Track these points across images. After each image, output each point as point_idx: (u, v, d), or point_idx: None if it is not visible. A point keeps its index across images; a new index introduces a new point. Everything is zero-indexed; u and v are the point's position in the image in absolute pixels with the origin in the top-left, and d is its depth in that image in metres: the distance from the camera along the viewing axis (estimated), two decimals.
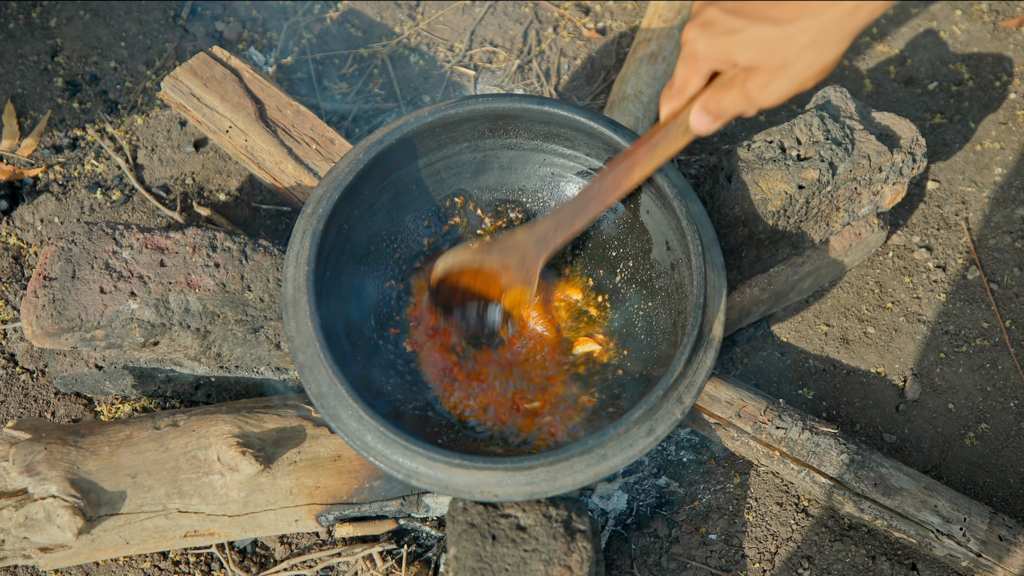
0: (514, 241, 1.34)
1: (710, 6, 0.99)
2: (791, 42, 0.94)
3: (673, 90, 1.08)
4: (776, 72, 0.97)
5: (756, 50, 0.96)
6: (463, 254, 1.36)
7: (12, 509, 1.25)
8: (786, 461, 1.39)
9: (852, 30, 0.93)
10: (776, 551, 1.41)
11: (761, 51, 0.96)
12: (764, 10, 0.94)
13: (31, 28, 1.87)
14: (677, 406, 1.23)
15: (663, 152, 1.19)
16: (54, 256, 1.37)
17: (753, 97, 1.00)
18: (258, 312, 1.41)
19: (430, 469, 1.19)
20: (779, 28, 0.93)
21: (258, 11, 1.92)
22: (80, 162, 1.75)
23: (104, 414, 1.53)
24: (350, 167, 1.30)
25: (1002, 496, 1.46)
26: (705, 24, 0.98)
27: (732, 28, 0.96)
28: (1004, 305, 1.60)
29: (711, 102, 1.05)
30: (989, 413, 1.52)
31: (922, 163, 1.49)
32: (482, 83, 1.87)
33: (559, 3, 1.95)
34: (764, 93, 0.99)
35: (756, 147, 1.46)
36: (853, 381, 1.56)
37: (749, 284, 1.50)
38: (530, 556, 1.23)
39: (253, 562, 1.43)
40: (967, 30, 1.88)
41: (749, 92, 1.00)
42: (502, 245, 1.35)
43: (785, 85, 0.98)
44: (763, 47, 0.95)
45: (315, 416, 1.37)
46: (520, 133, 1.41)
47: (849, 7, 0.91)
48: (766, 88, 0.98)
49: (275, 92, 1.59)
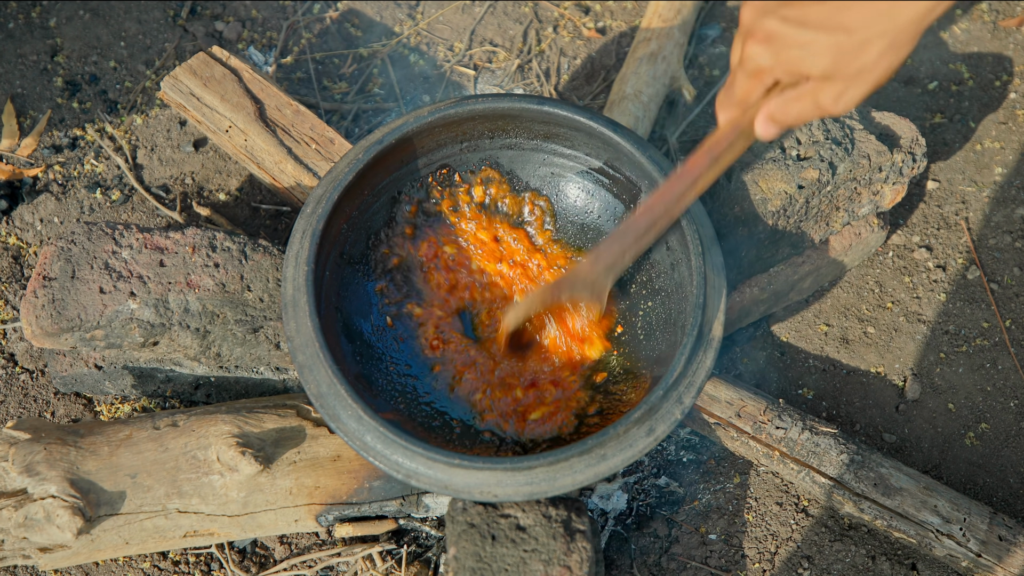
0: (582, 277, 1.31)
1: (769, 16, 0.94)
2: (867, 49, 0.90)
3: (734, 101, 1.03)
4: (851, 80, 0.93)
5: (829, 61, 0.91)
6: (536, 300, 1.34)
7: (12, 509, 1.25)
8: (786, 461, 1.39)
9: (926, 27, 0.90)
10: (776, 551, 1.41)
11: (835, 62, 0.91)
12: (834, 17, 0.90)
13: (31, 28, 1.87)
14: (677, 406, 1.23)
15: (724, 161, 1.14)
16: (54, 256, 1.37)
17: (827, 108, 0.96)
18: (258, 312, 1.41)
19: (430, 469, 1.19)
20: (853, 36, 0.89)
21: (258, 11, 1.92)
22: (80, 162, 1.75)
23: (104, 414, 1.53)
24: (350, 167, 1.30)
25: (1002, 496, 1.46)
26: (769, 38, 0.93)
27: (802, 41, 0.91)
28: (1004, 305, 1.60)
29: (779, 113, 1.00)
30: (989, 413, 1.52)
31: (922, 163, 1.49)
32: (482, 83, 1.86)
33: (559, 3, 1.95)
34: (839, 103, 0.95)
35: (756, 147, 1.45)
36: (853, 381, 1.56)
37: (749, 284, 1.50)
38: (530, 556, 1.23)
39: (253, 562, 1.43)
40: (967, 29, 1.88)
41: (822, 103, 0.96)
42: (571, 282, 1.32)
43: (860, 92, 0.94)
44: (837, 58, 0.91)
45: (315, 416, 1.37)
46: (520, 133, 1.41)
47: (926, 6, 0.87)
48: (841, 98, 0.94)
49: (275, 92, 1.59)
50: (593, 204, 1.45)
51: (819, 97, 0.95)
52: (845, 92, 0.93)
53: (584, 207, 1.46)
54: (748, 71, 0.97)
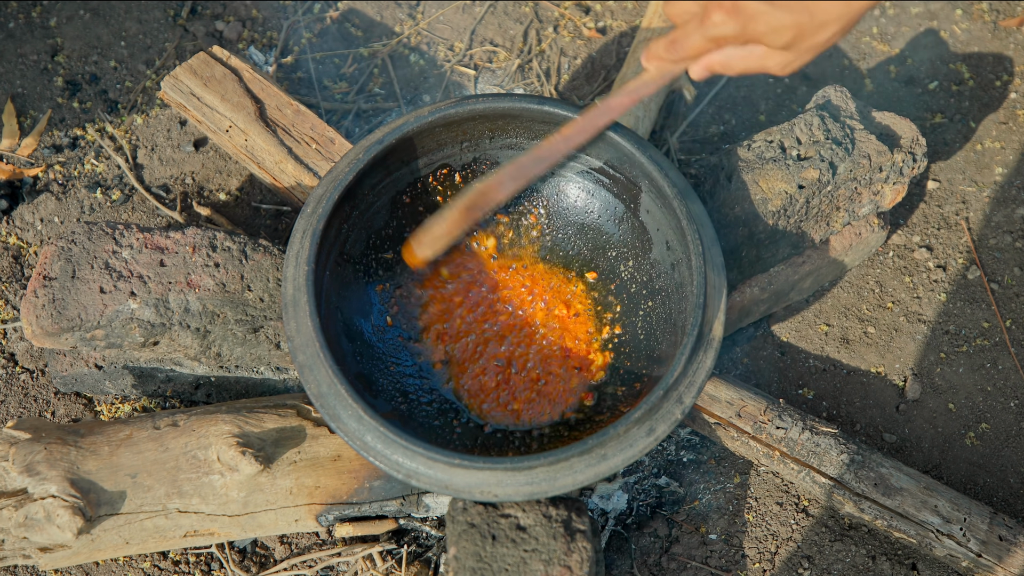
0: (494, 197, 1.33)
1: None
2: (824, 30, 0.99)
3: (679, 55, 1.10)
4: (801, 54, 1.03)
5: (790, 37, 1.00)
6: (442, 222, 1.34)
7: (12, 509, 1.25)
8: (786, 461, 1.39)
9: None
10: (776, 551, 1.41)
11: (794, 38, 1.00)
12: (803, 1, 0.99)
13: (31, 27, 1.87)
14: (677, 406, 1.23)
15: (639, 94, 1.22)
16: (54, 256, 1.37)
17: (771, 70, 1.06)
18: (258, 312, 1.41)
19: (430, 469, 1.19)
20: (815, 18, 0.98)
21: (258, 10, 1.92)
22: (80, 162, 1.75)
23: (104, 414, 1.53)
24: (350, 167, 1.30)
25: (1002, 496, 1.46)
26: (736, 10, 1.01)
27: (768, 19, 0.99)
28: (1004, 305, 1.60)
29: (721, 66, 1.08)
30: (989, 413, 1.52)
31: (922, 163, 1.49)
32: (482, 82, 1.86)
33: (559, 2, 1.95)
34: (785, 70, 1.06)
35: (756, 147, 1.45)
36: (853, 381, 1.55)
37: (749, 284, 1.50)
38: (530, 556, 1.23)
39: (253, 562, 1.43)
40: (967, 29, 1.88)
41: (767, 66, 1.06)
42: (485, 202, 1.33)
43: (804, 62, 1.05)
44: (797, 35, 1.00)
45: (315, 416, 1.37)
46: (520, 133, 1.41)
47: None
48: (788, 66, 1.05)
49: (275, 91, 1.59)
50: (593, 204, 1.45)
51: (767, 62, 1.05)
52: (793, 62, 1.05)
53: (584, 207, 1.46)
54: (709, 36, 1.05)
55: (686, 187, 1.35)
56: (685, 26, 1.07)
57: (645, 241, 1.41)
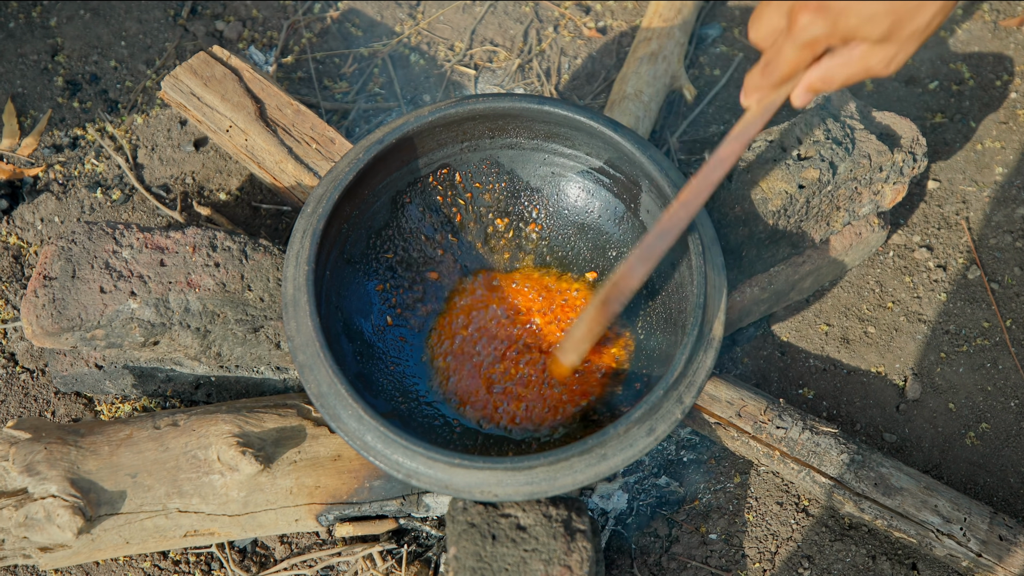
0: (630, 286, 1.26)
1: None
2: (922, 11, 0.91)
3: (776, 78, 1.02)
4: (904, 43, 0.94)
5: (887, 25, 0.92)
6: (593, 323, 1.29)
7: (12, 509, 1.25)
8: (786, 461, 1.39)
9: None
10: (776, 551, 1.41)
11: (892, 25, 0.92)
12: None
13: (31, 27, 1.87)
14: (677, 406, 1.23)
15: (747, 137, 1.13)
16: (54, 255, 1.37)
17: (877, 71, 0.97)
18: (258, 312, 1.41)
19: (430, 469, 1.19)
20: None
21: (258, 10, 1.92)
22: (80, 161, 1.75)
23: (104, 414, 1.53)
24: (350, 167, 1.30)
25: (1002, 496, 1.46)
26: (823, 8, 0.93)
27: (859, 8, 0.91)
28: (1005, 304, 1.60)
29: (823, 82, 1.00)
30: (989, 413, 1.52)
31: (923, 162, 1.49)
32: (482, 82, 1.86)
33: (560, 2, 1.95)
34: (891, 66, 0.97)
35: (756, 146, 1.45)
36: (853, 381, 1.55)
37: (749, 284, 1.50)
38: (530, 556, 1.23)
39: (253, 562, 1.43)
40: (968, 29, 1.88)
41: (872, 67, 0.97)
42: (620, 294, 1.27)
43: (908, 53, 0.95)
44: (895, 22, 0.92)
45: (315, 416, 1.37)
46: (520, 133, 1.41)
47: None
48: (893, 60, 0.96)
49: (275, 91, 1.59)
50: (593, 204, 1.45)
51: (870, 61, 0.96)
52: (897, 55, 0.95)
53: (584, 207, 1.46)
54: (801, 42, 0.97)
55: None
56: (774, 45, 1.00)
57: None
